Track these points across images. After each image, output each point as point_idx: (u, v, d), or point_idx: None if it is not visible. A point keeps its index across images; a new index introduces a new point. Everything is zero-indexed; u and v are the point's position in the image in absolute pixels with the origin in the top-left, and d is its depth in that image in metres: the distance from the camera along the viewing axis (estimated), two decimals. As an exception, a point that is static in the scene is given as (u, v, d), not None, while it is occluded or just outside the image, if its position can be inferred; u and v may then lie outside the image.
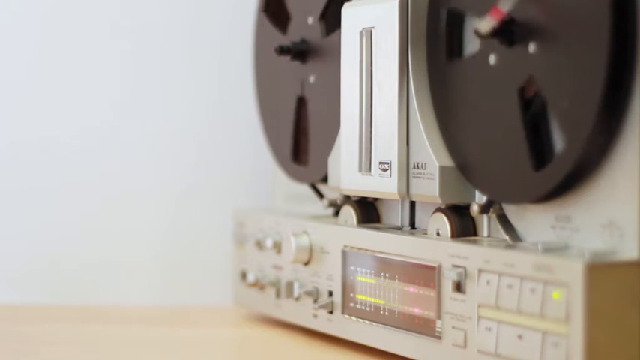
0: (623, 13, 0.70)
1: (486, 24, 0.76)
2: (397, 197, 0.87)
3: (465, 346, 0.78)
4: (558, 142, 0.75)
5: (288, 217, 1.01)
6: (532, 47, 0.75)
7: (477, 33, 0.77)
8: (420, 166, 0.84)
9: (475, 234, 0.83)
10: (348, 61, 0.91)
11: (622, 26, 0.70)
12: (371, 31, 0.88)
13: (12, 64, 1.19)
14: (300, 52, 1.00)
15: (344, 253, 0.92)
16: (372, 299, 0.88)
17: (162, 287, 1.19)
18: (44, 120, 1.19)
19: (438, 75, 0.84)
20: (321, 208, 1.01)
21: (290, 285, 0.98)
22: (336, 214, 0.99)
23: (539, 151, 0.76)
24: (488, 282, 0.76)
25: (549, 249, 0.74)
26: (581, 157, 0.72)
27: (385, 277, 0.87)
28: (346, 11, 0.91)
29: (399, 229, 0.91)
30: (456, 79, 0.82)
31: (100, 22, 1.19)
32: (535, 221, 0.78)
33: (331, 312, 0.93)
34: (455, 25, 0.83)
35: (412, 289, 0.84)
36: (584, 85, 0.71)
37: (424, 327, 0.82)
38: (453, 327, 0.79)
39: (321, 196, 1.02)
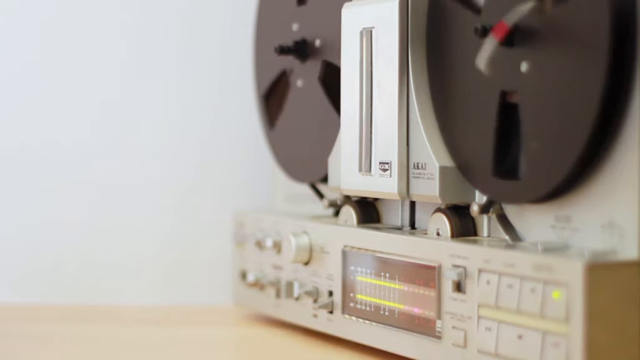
0: (624, 21, 0.70)
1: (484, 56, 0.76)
2: (397, 197, 0.87)
3: (465, 346, 0.78)
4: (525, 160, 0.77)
5: (288, 217, 1.01)
6: (524, 66, 0.75)
7: (476, 31, 0.77)
8: (420, 166, 0.84)
9: (475, 234, 0.83)
10: (348, 61, 0.91)
11: (622, 33, 0.70)
12: (371, 31, 0.88)
13: (12, 64, 1.19)
14: (300, 52, 1.00)
15: (344, 253, 0.92)
16: (372, 299, 0.88)
17: (162, 287, 1.19)
18: (44, 121, 1.19)
19: (437, 74, 0.84)
20: (321, 208, 1.01)
21: (290, 285, 0.98)
22: (336, 214, 0.99)
23: (506, 159, 0.77)
24: (488, 282, 0.76)
25: (549, 249, 0.74)
26: (573, 168, 0.72)
27: (385, 277, 0.87)
28: (346, 11, 0.91)
29: (399, 229, 0.91)
30: (453, 59, 0.82)
31: (100, 23, 1.19)
32: (535, 221, 0.78)
33: (331, 312, 0.93)
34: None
35: (412, 289, 0.84)
36: (581, 97, 0.72)
37: (424, 327, 0.82)
38: (453, 327, 0.79)
39: (321, 196, 1.02)
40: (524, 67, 0.75)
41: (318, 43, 0.99)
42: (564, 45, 0.73)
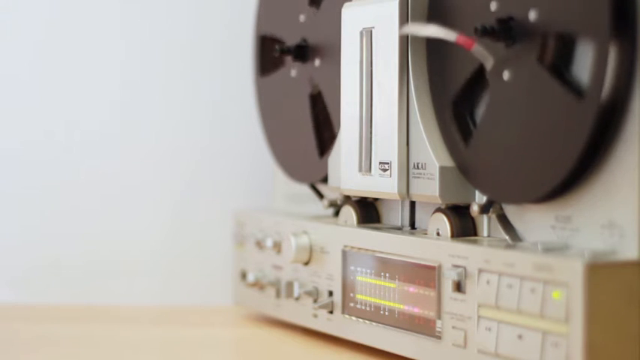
0: (624, 21, 0.70)
1: None
2: (397, 197, 0.87)
3: (465, 346, 0.78)
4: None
5: (288, 217, 1.01)
6: (506, 75, 0.76)
7: (477, 31, 0.77)
8: (420, 166, 0.84)
9: (475, 234, 0.83)
10: (348, 61, 0.91)
11: (622, 33, 0.70)
12: (371, 31, 0.88)
13: (13, 64, 1.19)
14: (301, 52, 1.00)
15: (344, 253, 0.92)
16: (372, 299, 0.88)
17: (162, 287, 1.19)
18: (44, 120, 1.19)
19: (437, 74, 0.84)
20: (321, 208, 1.00)
21: (290, 285, 0.98)
22: (336, 214, 0.99)
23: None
24: (488, 282, 0.76)
25: (549, 249, 0.74)
26: (573, 168, 0.73)
27: (385, 277, 0.87)
28: (346, 11, 0.91)
29: (399, 229, 0.91)
30: (453, 59, 0.82)
31: (101, 23, 1.19)
32: (535, 221, 0.78)
33: (331, 312, 0.93)
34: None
35: (412, 289, 0.84)
36: (580, 97, 0.72)
37: (424, 327, 0.82)
38: (453, 327, 0.79)
39: (321, 196, 1.02)
40: (505, 75, 0.76)
41: (317, 62, 0.99)
42: (564, 44, 0.73)
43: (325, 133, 1.00)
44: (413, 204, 0.90)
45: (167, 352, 0.97)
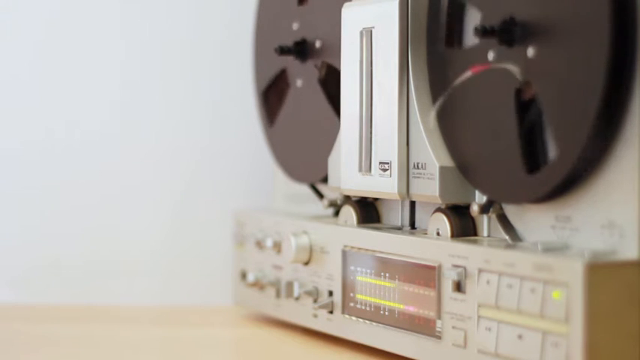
0: (624, 21, 0.70)
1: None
2: (397, 197, 0.87)
3: (465, 346, 0.78)
4: (553, 147, 0.75)
5: (288, 217, 1.01)
6: (531, 51, 0.75)
7: (477, 31, 0.77)
8: (420, 166, 0.84)
9: (475, 234, 0.83)
10: (348, 61, 0.91)
11: (622, 33, 0.70)
12: (371, 31, 0.88)
13: (14, 64, 1.19)
14: (301, 48, 1.00)
15: (344, 253, 0.92)
16: (372, 299, 0.88)
17: (162, 287, 1.19)
18: (44, 120, 1.19)
19: (437, 74, 0.84)
20: (321, 208, 1.00)
21: (290, 285, 0.98)
22: (336, 214, 0.99)
23: (534, 153, 0.76)
24: (488, 282, 0.76)
25: (549, 249, 0.74)
26: (573, 167, 0.72)
27: (385, 277, 0.87)
28: (346, 11, 0.91)
29: (399, 229, 0.91)
30: (456, 72, 0.82)
31: (101, 23, 1.19)
32: (535, 221, 0.78)
33: (331, 312, 0.93)
34: (455, 15, 0.83)
35: (412, 289, 0.84)
36: (581, 95, 0.71)
37: (424, 327, 0.82)
38: (453, 327, 0.79)
39: (321, 196, 1.02)
40: (530, 52, 0.75)
41: (318, 44, 0.99)
42: (564, 44, 0.73)
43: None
44: (413, 204, 0.90)
45: (167, 352, 0.97)
